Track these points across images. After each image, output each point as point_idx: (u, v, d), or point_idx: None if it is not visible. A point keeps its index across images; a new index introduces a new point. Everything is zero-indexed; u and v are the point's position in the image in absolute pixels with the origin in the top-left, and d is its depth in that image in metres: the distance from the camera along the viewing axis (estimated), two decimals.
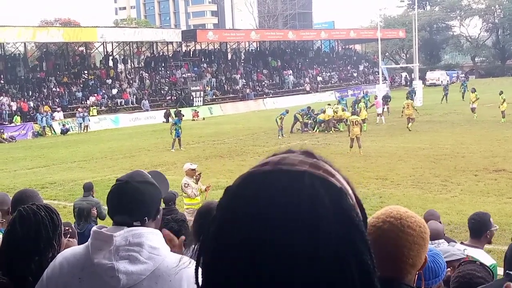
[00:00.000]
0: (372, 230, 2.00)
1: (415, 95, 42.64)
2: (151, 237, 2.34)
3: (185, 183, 12.03)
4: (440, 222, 7.34)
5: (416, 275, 2.05)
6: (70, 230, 3.77)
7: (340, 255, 0.84)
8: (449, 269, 3.68)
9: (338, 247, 0.84)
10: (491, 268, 5.21)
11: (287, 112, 30.96)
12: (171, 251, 2.40)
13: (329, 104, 33.83)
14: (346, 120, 29.27)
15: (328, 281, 0.83)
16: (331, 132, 31.34)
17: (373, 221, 2.04)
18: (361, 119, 26.50)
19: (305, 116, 32.71)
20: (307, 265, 0.83)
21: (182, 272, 2.29)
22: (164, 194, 2.61)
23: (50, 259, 2.59)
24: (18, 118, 42.50)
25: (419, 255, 2.00)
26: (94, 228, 2.41)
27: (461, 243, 5.85)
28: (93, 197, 10.94)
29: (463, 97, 47.37)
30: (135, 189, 2.45)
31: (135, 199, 2.43)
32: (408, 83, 68.42)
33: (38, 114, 42.04)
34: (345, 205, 0.88)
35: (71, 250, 2.46)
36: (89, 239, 2.37)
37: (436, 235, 6.18)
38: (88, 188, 10.93)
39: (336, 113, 31.80)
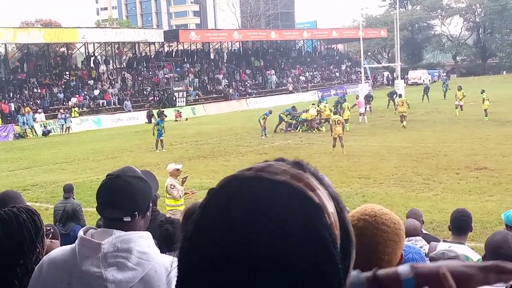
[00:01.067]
0: None
1: (396, 96, 42.82)
2: (140, 241, 2.32)
3: (171, 184, 11.95)
4: (422, 221, 7.40)
5: None
6: (52, 230, 3.74)
7: (305, 274, 0.81)
8: None
9: (303, 264, 0.81)
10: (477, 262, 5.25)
11: (270, 112, 30.94)
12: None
13: (313, 104, 33.88)
14: (329, 119, 29.37)
15: None
16: (314, 131, 31.40)
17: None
18: (344, 119, 26.69)
19: (289, 116, 32.72)
20: (270, 277, 0.80)
21: (172, 276, 2.28)
22: (154, 192, 2.60)
23: (34, 262, 2.56)
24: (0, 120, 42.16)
25: (395, 252, 2.01)
26: (81, 233, 2.37)
27: (444, 240, 5.89)
28: (74, 199, 10.84)
29: (444, 96, 47.71)
30: (126, 183, 2.43)
31: (126, 194, 2.41)
32: (390, 82, 68.79)
33: (19, 115, 41.66)
34: (318, 222, 0.84)
35: (57, 253, 2.42)
36: (76, 244, 2.34)
37: (413, 232, 6.23)
38: (68, 190, 10.80)
39: (323, 112, 31.84)
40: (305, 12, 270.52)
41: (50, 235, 3.59)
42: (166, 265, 2.33)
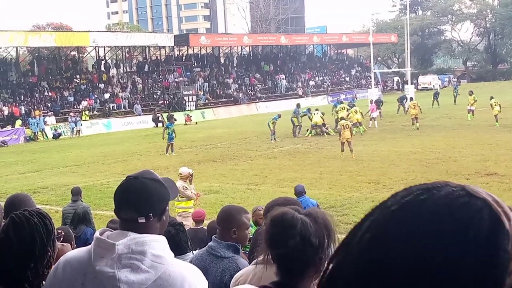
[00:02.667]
0: None
1: (406, 101, 42.78)
2: (155, 244, 2.33)
3: (184, 186, 12.06)
4: None
5: None
6: (63, 233, 3.75)
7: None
8: None
9: (471, 275, 0.81)
10: None
11: (279, 116, 30.95)
12: None
13: (317, 109, 33.70)
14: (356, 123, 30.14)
15: None
16: (324, 135, 31.37)
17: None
18: (353, 123, 26.86)
19: (299, 117, 32.86)
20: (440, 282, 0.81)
21: (185, 280, 2.29)
22: (172, 198, 2.62)
23: (45, 265, 2.58)
24: (19, 121, 42.31)
25: None
26: (97, 234, 2.39)
27: None
28: (82, 201, 10.86)
29: (455, 101, 47.61)
30: (142, 184, 2.46)
31: (141, 194, 2.43)
32: (400, 88, 68.65)
33: (30, 118, 41.88)
34: (501, 243, 0.83)
35: (74, 254, 2.45)
36: (92, 245, 2.37)
37: None
38: (76, 193, 10.80)
39: (352, 116, 31.51)
40: (315, 17, 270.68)
41: (62, 238, 3.61)
42: (181, 269, 2.34)
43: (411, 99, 37.79)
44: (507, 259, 0.83)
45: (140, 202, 2.42)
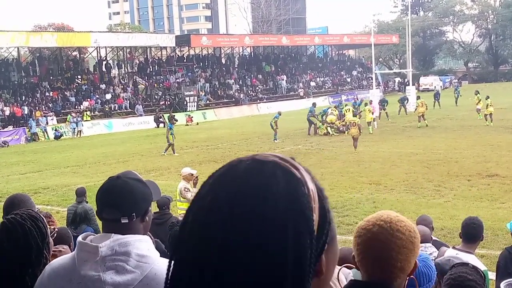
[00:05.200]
0: (362, 232, 2.04)
1: (407, 102, 42.86)
2: (139, 244, 2.30)
3: (185, 188, 11.96)
4: (432, 228, 7.37)
5: (407, 281, 2.05)
6: (56, 229, 3.72)
7: (280, 233, 0.93)
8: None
9: (280, 225, 0.93)
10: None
11: (279, 114, 31.13)
12: None
13: (335, 107, 33.86)
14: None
15: (262, 260, 0.92)
16: (346, 133, 31.58)
17: (364, 224, 2.07)
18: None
19: (317, 116, 33.10)
20: (252, 236, 0.93)
21: None
22: (155, 199, 2.60)
23: (42, 269, 2.55)
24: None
25: (408, 260, 2.01)
26: (80, 238, 2.35)
27: (453, 247, 5.85)
28: (87, 202, 10.86)
29: (456, 103, 47.59)
30: (125, 183, 2.44)
31: (124, 193, 2.41)
32: (402, 89, 68.63)
33: (31, 119, 41.88)
34: (299, 190, 0.98)
35: (59, 261, 2.41)
36: (75, 250, 2.34)
37: (423, 239, 6.20)
38: (80, 194, 10.80)
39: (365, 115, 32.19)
40: (316, 18, 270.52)
41: (55, 235, 3.58)
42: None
43: (418, 97, 38.11)
44: (308, 201, 0.98)
45: (122, 202, 2.40)
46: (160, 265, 2.29)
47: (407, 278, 2.05)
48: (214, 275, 0.93)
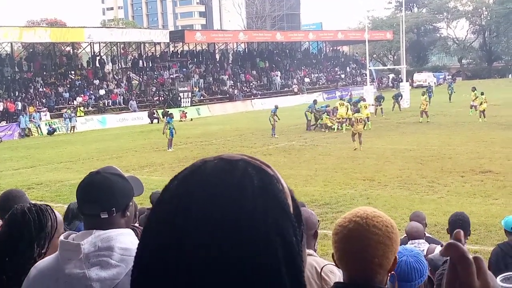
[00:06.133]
0: (339, 230, 2.04)
1: (401, 98, 42.97)
2: (121, 238, 2.30)
3: None
4: (425, 224, 7.39)
5: (388, 276, 2.04)
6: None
7: (264, 233, 0.88)
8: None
9: (262, 225, 0.89)
10: None
11: (276, 107, 31.25)
12: None
13: (342, 102, 33.90)
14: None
15: (251, 257, 0.87)
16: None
17: (341, 221, 2.06)
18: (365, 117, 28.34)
19: (313, 113, 33.09)
20: (231, 238, 0.87)
21: None
22: (137, 194, 2.59)
23: (32, 262, 2.54)
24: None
25: (386, 255, 1.99)
26: (61, 238, 2.35)
27: (442, 245, 5.86)
28: None
29: (450, 99, 47.71)
30: (105, 178, 2.43)
31: (104, 188, 2.41)
32: (395, 85, 68.76)
33: (21, 116, 41.55)
34: (274, 187, 0.94)
35: (44, 262, 2.41)
36: (58, 249, 2.34)
37: (416, 235, 6.22)
38: None
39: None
40: (310, 14, 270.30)
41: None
42: None
43: (423, 93, 38.16)
44: (285, 197, 0.94)
45: (102, 196, 2.40)
46: None
47: (388, 274, 2.04)
48: None
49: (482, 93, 33.78)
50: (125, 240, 2.31)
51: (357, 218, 2.02)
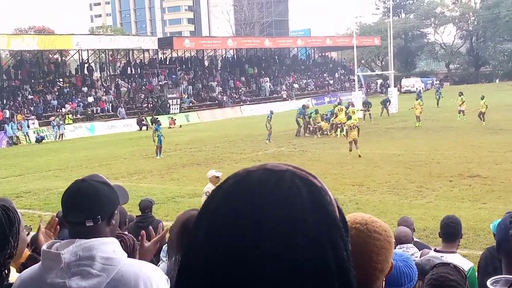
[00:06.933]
0: None
1: (389, 104, 43.16)
2: (104, 247, 2.30)
3: (206, 191, 11.95)
4: (413, 229, 7.42)
5: (384, 281, 2.05)
6: (31, 227, 3.73)
7: (317, 247, 0.86)
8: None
9: (315, 239, 0.86)
10: (469, 270, 5.26)
11: (272, 113, 31.33)
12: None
13: (341, 107, 33.97)
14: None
15: (304, 274, 0.85)
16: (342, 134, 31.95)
17: None
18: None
19: (305, 118, 33.14)
20: (283, 252, 0.85)
21: (139, 278, 2.26)
22: (122, 202, 2.59)
23: (7, 255, 2.56)
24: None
25: (387, 260, 2.00)
26: (44, 247, 2.35)
27: (435, 250, 5.88)
28: None
29: (437, 104, 47.92)
30: (90, 186, 2.42)
31: (89, 196, 2.40)
32: (384, 90, 68.99)
33: (6, 125, 41.30)
34: (323, 199, 0.92)
35: (28, 271, 2.41)
36: (41, 258, 2.34)
37: (404, 240, 6.24)
38: None
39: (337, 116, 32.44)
40: (299, 20, 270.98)
41: (28, 233, 3.58)
42: (134, 268, 2.30)
43: (417, 98, 38.64)
44: (335, 210, 0.93)
45: (88, 204, 2.39)
46: (127, 266, 2.28)
47: (384, 279, 2.05)
48: None
49: (483, 97, 34.01)
50: (107, 249, 2.30)
51: (357, 224, 2.01)
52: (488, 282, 2.45)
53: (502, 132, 28.48)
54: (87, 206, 2.39)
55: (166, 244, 5.82)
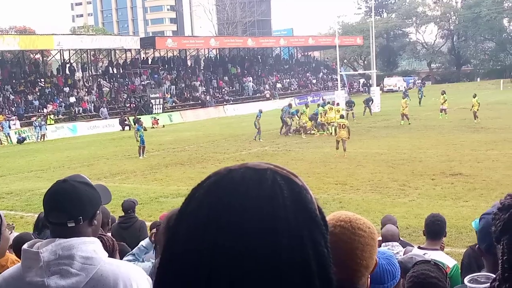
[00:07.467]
0: None
1: (372, 103, 43.38)
2: (83, 247, 2.29)
3: None
4: (397, 227, 7.46)
5: (369, 278, 2.06)
6: (13, 225, 3.72)
7: (298, 245, 0.88)
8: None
9: (296, 236, 0.88)
10: (453, 268, 5.29)
11: (260, 112, 31.46)
12: None
13: (331, 106, 34.03)
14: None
15: (285, 272, 0.86)
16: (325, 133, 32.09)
17: None
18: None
19: (293, 117, 33.23)
20: (266, 249, 0.86)
21: (118, 277, 2.26)
22: (104, 203, 2.59)
23: None
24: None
25: (372, 256, 2.01)
26: (25, 246, 2.34)
27: (419, 247, 5.92)
28: None
29: (420, 103, 48.21)
30: (72, 187, 2.41)
31: (71, 197, 2.39)
32: (366, 90, 69.30)
33: None
34: (305, 198, 0.93)
35: (9, 271, 2.41)
36: (21, 257, 2.33)
37: (390, 238, 6.27)
38: None
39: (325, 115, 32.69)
40: (281, 20, 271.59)
41: (11, 232, 3.57)
42: (114, 268, 2.30)
43: (403, 96, 39.07)
44: (316, 208, 0.94)
45: (69, 205, 2.38)
46: (106, 265, 2.28)
47: (369, 276, 2.06)
48: None
49: (474, 95, 34.39)
50: (87, 249, 2.30)
51: (341, 222, 2.02)
52: (466, 280, 2.48)
53: (483, 131, 28.74)
54: (69, 207, 2.38)
55: (144, 240, 5.80)
